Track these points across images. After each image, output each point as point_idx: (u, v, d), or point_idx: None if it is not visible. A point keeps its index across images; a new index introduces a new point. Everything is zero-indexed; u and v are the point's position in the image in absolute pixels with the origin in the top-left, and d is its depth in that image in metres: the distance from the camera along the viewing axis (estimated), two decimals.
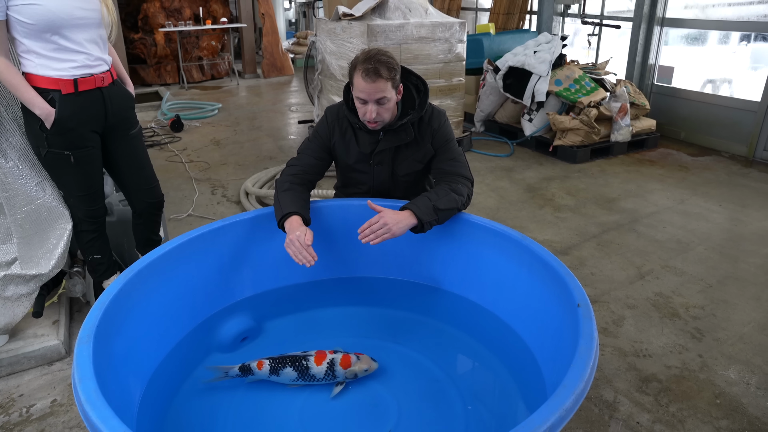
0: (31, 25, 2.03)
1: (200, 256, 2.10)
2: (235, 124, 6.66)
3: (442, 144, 2.22)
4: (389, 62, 1.99)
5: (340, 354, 1.83)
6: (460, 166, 2.20)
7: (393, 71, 2.00)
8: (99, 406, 1.28)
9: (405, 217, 1.98)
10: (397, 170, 2.28)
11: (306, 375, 1.79)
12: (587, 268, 3.24)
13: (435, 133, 2.21)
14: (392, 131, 2.17)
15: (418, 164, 2.26)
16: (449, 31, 4.94)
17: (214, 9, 9.72)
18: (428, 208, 2.01)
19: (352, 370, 1.80)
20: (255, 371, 1.80)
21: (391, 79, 2.00)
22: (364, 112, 2.05)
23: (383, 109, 2.05)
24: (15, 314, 2.39)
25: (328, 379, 1.81)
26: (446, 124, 2.24)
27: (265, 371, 1.80)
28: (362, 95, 2.01)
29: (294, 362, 1.80)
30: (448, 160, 2.20)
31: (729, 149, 5.44)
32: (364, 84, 1.97)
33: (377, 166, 2.27)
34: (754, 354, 2.49)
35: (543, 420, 1.21)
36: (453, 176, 2.16)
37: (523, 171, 4.95)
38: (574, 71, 5.33)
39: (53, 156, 2.25)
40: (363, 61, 1.97)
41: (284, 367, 1.79)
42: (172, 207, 4.12)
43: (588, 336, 1.50)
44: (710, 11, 5.59)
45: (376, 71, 1.95)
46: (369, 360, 1.84)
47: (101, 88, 2.27)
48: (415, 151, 2.23)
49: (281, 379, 1.80)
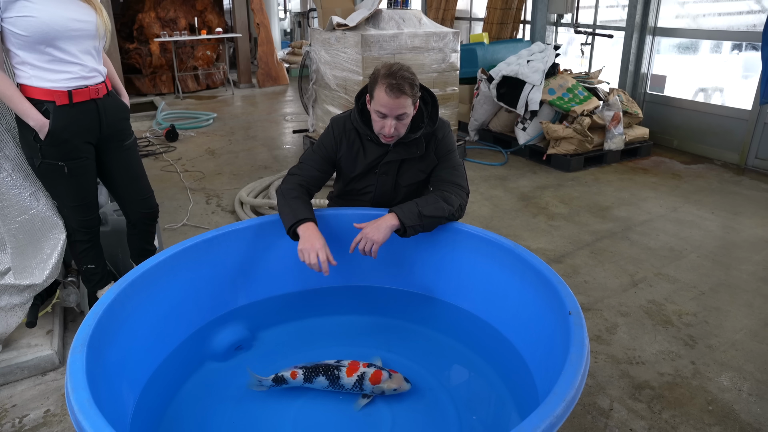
0: (26, 36, 2.04)
1: (194, 265, 2.10)
2: (230, 134, 6.67)
3: (444, 153, 2.23)
4: (412, 79, 1.98)
5: (373, 369, 1.81)
6: (458, 175, 2.20)
7: (415, 88, 2.00)
8: (92, 415, 1.28)
9: (386, 220, 2.00)
10: (400, 180, 2.28)
11: (336, 384, 1.81)
12: (581, 276, 3.26)
13: (439, 143, 2.23)
14: (403, 144, 2.17)
15: (422, 174, 2.27)
16: (443, 41, 4.97)
17: (210, 19, 9.75)
18: (413, 213, 2.02)
19: (380, 387, 1.79)
20: (289, 380, 1.81)
21: (413, 96, 2.00)
22: (382, 126, 2.04)
23: (401, 124, 2.05)
24: (9, 324, 2.39)
25: (356, 391, 1.81)
26: (450, 135, 2.25)
27: (299, 380, 1.81)
28: (384, 110, 1.99)
29: (326, 371, 1.81)
30: (447, 169, 2.21)
31: (721, 157, 5.48)
32: (387, 99, 1.96)
33: (382, 176, 2.27)
34: (746, 360, 2.50)
35: (533, 427, 1.22)
36: (448, 184, 2.17)
37: (516, 180, 4.98)
38: (568, 80, 5.37)
39: (47, 167, 2.25)
40: (386, 76, 1.95)
41: (317, 376, 1.80)
42: (167, 217, 4.12)
43: (579, 343, 1.51)
44: (701, 21, 5.65)
45: (400, 88, 1.94)
46: (401, 380, 1.82)
47: (96, 100, 2.28)
48: (420, 162, 2.24)
49: (314, 386, 1.82)
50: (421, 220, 2.02)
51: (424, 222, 2.04)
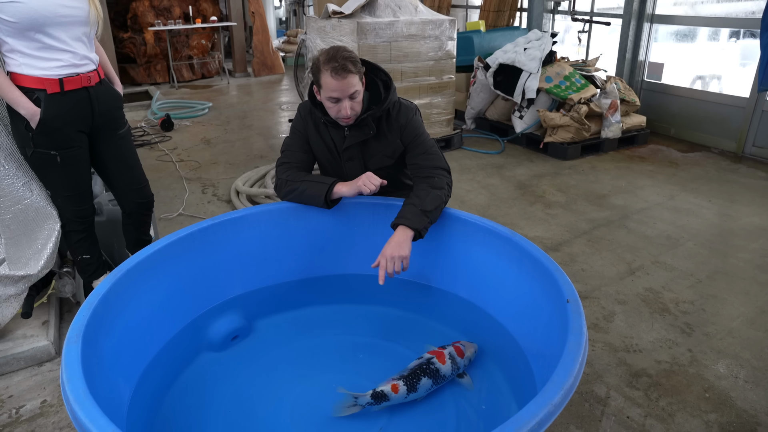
0: (14, 23, 2.01)
1: (190, 255, 2.09)
2: (226, 123, 6.64)
3: (411, 139, 2.23)
4: (352, 56, 2.01)
5: (450, 346, 1.85)
6: (435, 158, 2.21)
7: (357, 64, 2.03)
8: (88, 406, 1.27)
9: (399, 235, 2.00)
10: (368, 165, 2.29)
11: (438, 378, 1.76)
12: (578, 265, 3.25)
13: (403, 128, 2.22)
14: (356, 126, 2.19)
15: (388, 159, 2.28)
16: (439, 29, 4.94)
17: (204, 8, 9.67)
18: (416, 214, 2.02)
19: (468, 356, 1.83)
20: (391, 396, 1.68)
21: (358, 72, 2.03)
22: (338, 110, 2.07)
23: (356, 103, 2.07)
24: (4, 315, 2.37)
25: (454, 374, 1.80)
26: (414, 119, 2.24)
27: (402, 393, 1.69)
28: (335, 94, 2.02)
29: (426, 371, 1.75)
30: (422, 154, 2.22)
31: (718, 145, 5.47)
32: (335, 83, 1.99)
33: (348, 162, 2.29)
34: (743, 348, 2.50)
35: (532, 415, 1.22)
36: (429, 169, 2.18)
37: (513, 168, 4.97)
38: (565, 68, 5.35)
39: (39, 156, 2.23)
40: (328, 61, 1.99)
41: (419, 380, 1.73)
42: (163, 206, 4.10)
43: (577, 331, 1.51)
44: (699, 8, 5.62)
45: (344, 67, 1.97)
46: (470, 344, 1.89)
47: (88, 88, 2.26)
48: (384, 147, 2.25)
49: (418, 393, 1.72)
50: (427, 217, 2.04)
51: (430, 217, 2.06)
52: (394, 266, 1.97)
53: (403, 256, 1.97)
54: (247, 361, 1.94)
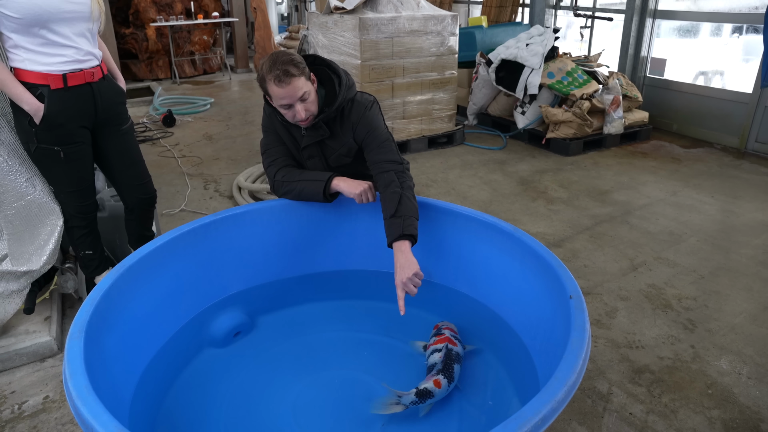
0: (18, 19, 2.01)
1: (192, 250, 2.09)
2: (228, 119, 6.63)
3: (364, 135, 2.17)
4: (293, 59, 1.97)
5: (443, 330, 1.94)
6: (388, 151, 2.14)
7: (300, 65, 1.98)
8: (90, 402, 1.27)
9: (400, 251, 1.92)
10: (329, 163, 2.28)
11: (459, 360, 1.82)
12: (580, 261, 3.25)
13: (355, 126, 2.17)
14: (311, 128, 2.15)
15: (346, 158, 2.25)
16: (441, 24, 4.93)
17: (206, 3, 9.65)
18: (400, 225, 1.96)
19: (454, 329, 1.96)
20: (435, 392, 1.68)
21: (302, 73, 1.98)
22: (293, 114, 2.04)
23: (309, 103, 2.03)
24: (6, 311, 2.38)
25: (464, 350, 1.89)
26: (366, 115, 2.17)
27: (444, 387, 1.70)
28: (285, 101, 1.99)
29: (454, 359, 1.79)
30: (375, 149, 2.16)
31: (721, 141, 5.46)
32: (282, 90, 1.95)
33: (309, 160, 2.27)
34: (746, 344, 2.50)
35: (535, 411, 1.22)
36: (382, 164, 2.12)
37: (516, 164, 4.96)
38: (567, 64, 5.33)
39: (42, 151, 2.23)
40: (269, 71, 1.95)
41: (452, 369, 1.75)
42: (165, 202, 4.10)
43: (580, 328, 1.50)
44: (702, 3, 5.59)
45: (286, 72, 1.93)
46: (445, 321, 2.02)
47: (91, 83, 2.25)
48: (340, 146, 2.22)
49: (455, 382, 1.75)
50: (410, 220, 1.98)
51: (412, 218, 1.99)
52: (414, 285, 1.88)
53: (415, 271, 1.88)
54: (250, 357, 1.94)
